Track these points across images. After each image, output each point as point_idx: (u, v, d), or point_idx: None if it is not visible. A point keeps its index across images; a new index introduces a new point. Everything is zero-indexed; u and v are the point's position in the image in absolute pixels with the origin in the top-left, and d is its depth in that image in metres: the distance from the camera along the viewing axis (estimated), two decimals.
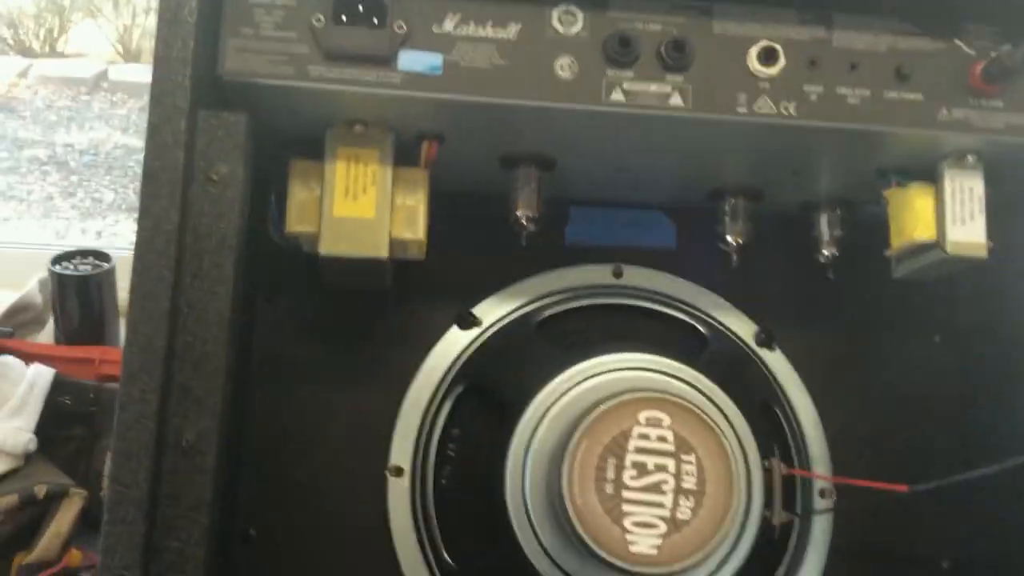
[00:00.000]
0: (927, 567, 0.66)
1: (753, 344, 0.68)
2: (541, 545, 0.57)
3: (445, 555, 0.61)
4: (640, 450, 0.55)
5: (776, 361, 0.68)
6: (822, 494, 0.66)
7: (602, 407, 0.55)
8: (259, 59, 0.52)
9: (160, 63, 0.50)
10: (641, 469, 0.55)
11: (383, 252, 0.56)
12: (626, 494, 0.54)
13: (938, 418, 0.68)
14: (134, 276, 0.46)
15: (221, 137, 0.50)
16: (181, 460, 0.44)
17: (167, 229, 0.47)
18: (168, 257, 0.46)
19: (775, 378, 0.68)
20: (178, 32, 0.50)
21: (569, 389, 0.60)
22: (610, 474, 0.54)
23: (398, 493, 0.62)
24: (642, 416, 0.55)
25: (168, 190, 0.48)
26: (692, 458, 0.55)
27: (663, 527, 0.54)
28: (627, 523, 0.54)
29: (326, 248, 0.56)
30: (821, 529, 0.65)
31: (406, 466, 0.63)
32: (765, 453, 0.61)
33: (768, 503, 0.60)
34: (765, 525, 0.60)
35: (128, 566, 0.42)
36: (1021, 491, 0.61)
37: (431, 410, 0.64)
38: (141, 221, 0.47)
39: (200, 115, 0.50)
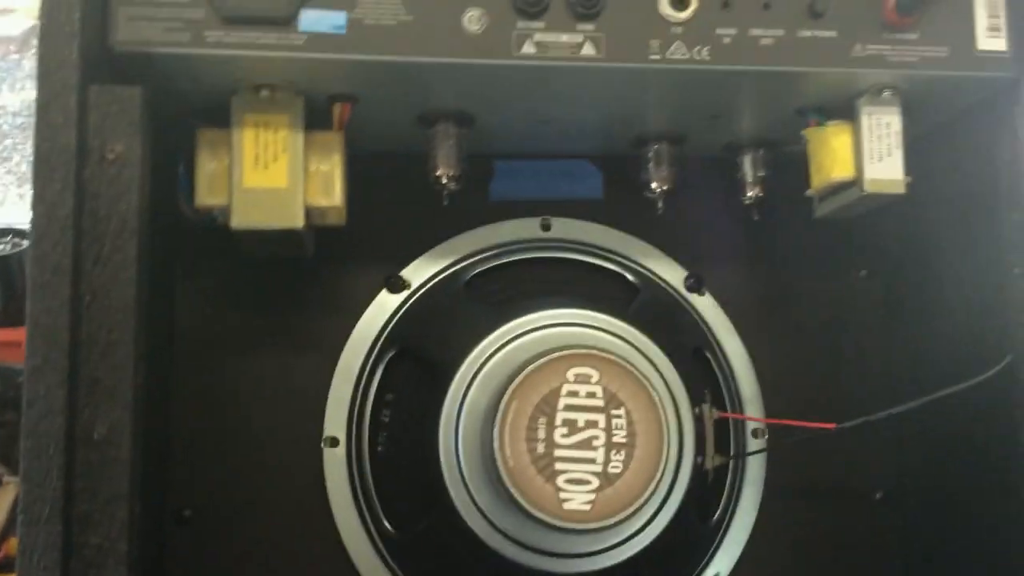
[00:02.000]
0: (860, 499, 0.68)
1: (683, 290, 0.68)
2: (477, 506, 0.57)
3: (384, 522, 0.61)
4: (570, 407, 0.55)
5: (706, 306, 0.68)
6: (755, 434, 0.67)
7: (531, 367, 0.55)
8: (153, 27, 0.50)
9: (46, 36, 0.47)
10: (572, 426, 0.55)
11: (298, 222, 0.54)
12: (558, 452, 0.54)
13: (865, 353, 0.69)
14: (30, 266, 0.44)
15: (115, 113, 0.48)
16: (94, 454, 0.43)
17: (62, 215, 0.45)
18: (65, 244, 0.44)
19: (705, 323, 0.68)
20: (63, 2, 0.47)
21: (499, 349, 0.59)
22: (541, 433, 0.54)
23: (334, 464, 0.62)
24: (571, 373, 0.55)
25: (62, 173, 0.45)
26: (622, 412, 0.55)
27: (595, 482, 0.54)
28: (560, 481, 0.54)
29: (238, 221, 0.54)
30: (756, 469, 0.66)
31: (341, 436, 0.62)
32: (696, 400, 0.62)
33: (700, 449, 0.61)
34: (698, 471, 0.61)
35: (47, 567, 0.41)
36: (946, 421, 0.62)
37: (363, 377, 0.63)
38: (35, 207, 0.45)
39: (91, 90, 0.47)
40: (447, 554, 0.59)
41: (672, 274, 0.69)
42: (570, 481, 0.54)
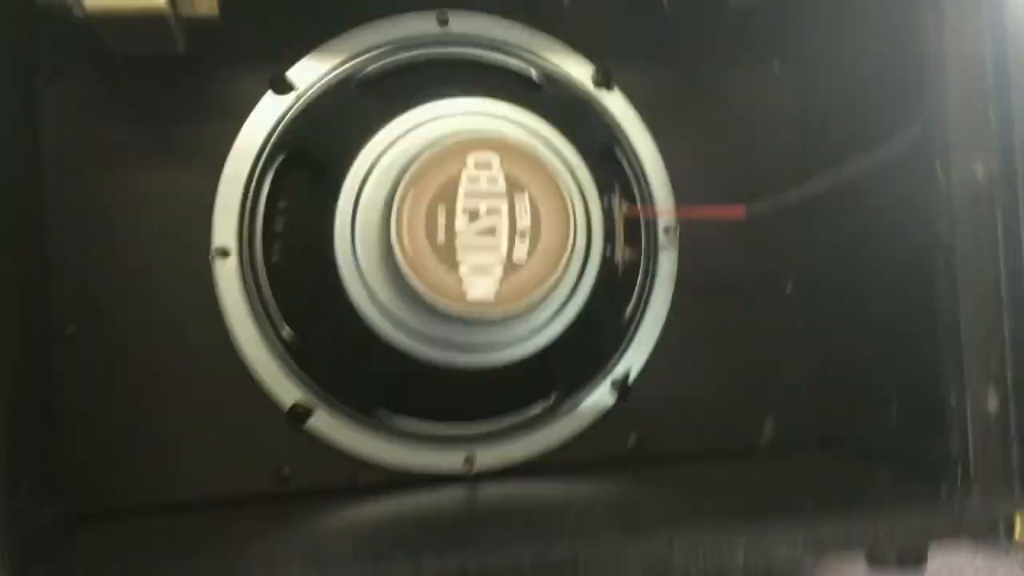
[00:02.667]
0: (771, 291, 0.67)
1: (591, 86, 0.65)
2: (378, 303, 0.54)
3: (283, 329, 0.58)
4: (471, 194, 0.52)
5: (615, 102, 0.65)
6: (666, 231, 0.65)
7: (427, 153, 0.52)
8: None
9: None
10: (473, 214, 0.52)
11: (159, 1, 0.49)
12: (459, 241, 0.52)
13: (779, 144, 0.68)
14: None
15: None
16: None
17: None
18: None
19: (614, 119, 0.65)
20: None
21: (394, 141, 0.56)
22: (441, 222, 0.52)
23: (227, 275, 0.58)
24: (470, 160, 0.52)
25: None
26: (525, 197, 0.53)
27: (499, 271, 0.52)
28: (462, 270, 0.52)
29: (92, 2, 0.48)
30: (667, 265, 0.65)
31: (232, 246, 0.59)
32: (606, 195, 0.59)
33: (610, 242, 0.59)
34: (608, 265, 0.59)
35: None
36: (853, 210, 0.61)
37: (252, 184, 0.59)
38: None
39: None
40: (350, 356, 0.57)
41: (579, 70, 0.65)
42: (473, 270, 0.52)
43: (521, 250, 0.52)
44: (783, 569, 0.49)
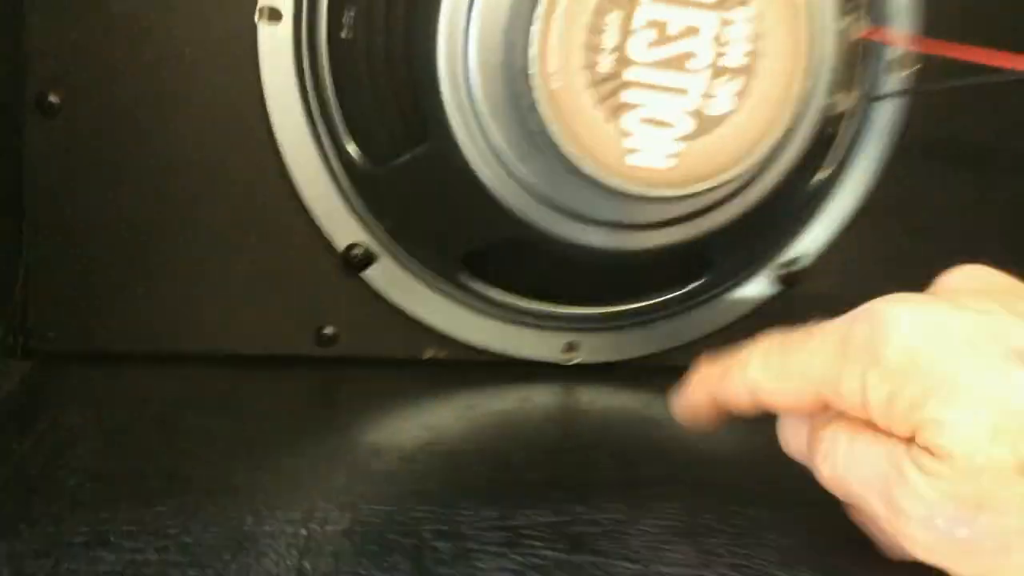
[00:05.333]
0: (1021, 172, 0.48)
1: None
2: (491, 147, 0.37)
3: (348, 142, 0.41)
4: None
5: None
6: (891, 66, 0.45)
7: None
8: None
9: None
10: (661, 31, 0.33)
11: None
12: (632, 72, 0.33)
13: None
14: None
15: None
16: None
17: None
18: None
19: None
20: None
21: None
22: (609, 37, 0.33)
23: (275, 49, 0.40)
24: None
25: None
26: (744, 15, 0.33)
27: (687, 126, 0.34)
28: (629, 120, 0.33)
29: None
30: (886, 115, 0.46)
31: (286, 7, 0.40)
32: (843, 7, 0.39)
33: (835, 83, 0.40)
34: (827, 117, 0.40)
35: None
36: None
37: None
38: None
39: None
40: (436, 199, 0.41)
41: None
42: (647, 121, 0.34)
43: (724, 97, 0.34)
44: None
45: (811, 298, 0.48)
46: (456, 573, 0.26)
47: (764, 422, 0.30)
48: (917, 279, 0.48)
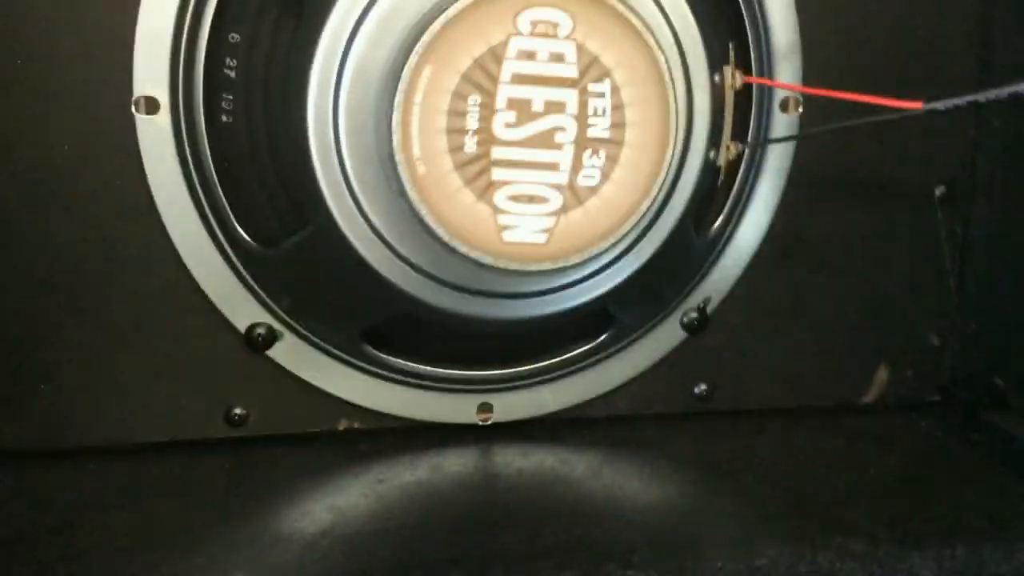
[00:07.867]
0: (915, 196, 0.49)
1: None
2: (372, 229, 0.37)
3: (240, 230, 0.41)
4: (521, 78, 0.33)
5: None
6: (784, 107, 0.46)
7: (453, 8, 0.32)
8: None
9: None
10: (523, 110, 0.33)
11: None
12: (498, 152, 0.33)
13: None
14: None
15: None
16: None
17: None
18: None
19: None
20: None
21: None
22: (472, 120, 0.33)
23: (155, 138, 0.40)
24: (524, 19, 0.33)
25: None
26: (606, 87, 0.34)
27: (558, 200, 0.34)
28: (499, 197, 0.34)
29: None
30: (778, 158, 0.47)
31: (162, 96, 0.40)
32: (716, 57, 0.40)
33: (714, 136, 0.40)
34: (708, 169, 0.41)
35: None
36: None
37: (191, 5, 0.39)
38: None
39: None
40: (337, 286, 0.40)
41: None
42: (516, 198, 0.34)
43: (592, 169, 0.34)
44: None
45: (721, 341, 0.48)
46: None
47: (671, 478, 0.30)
48: (824, 313, 0.49)
